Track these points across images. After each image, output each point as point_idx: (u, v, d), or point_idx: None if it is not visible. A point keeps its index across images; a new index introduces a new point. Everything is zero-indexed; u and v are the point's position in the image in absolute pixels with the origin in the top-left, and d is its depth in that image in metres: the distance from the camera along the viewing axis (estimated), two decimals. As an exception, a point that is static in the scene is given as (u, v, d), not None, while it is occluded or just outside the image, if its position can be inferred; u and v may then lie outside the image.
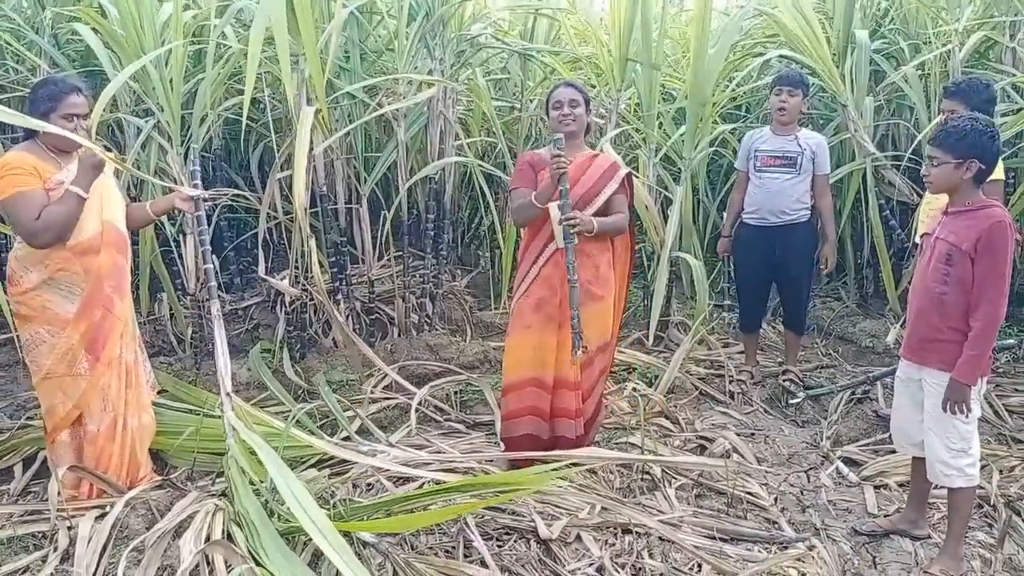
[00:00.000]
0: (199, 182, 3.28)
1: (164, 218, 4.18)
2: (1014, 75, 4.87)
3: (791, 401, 4.48)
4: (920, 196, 4.53)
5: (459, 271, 5.94)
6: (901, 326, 4.31)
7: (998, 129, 2.84)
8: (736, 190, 4.73)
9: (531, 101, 5.80)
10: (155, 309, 4.75)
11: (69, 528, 2.81)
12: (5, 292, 3.10)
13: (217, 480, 3.23)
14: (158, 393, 3.58)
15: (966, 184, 2.80)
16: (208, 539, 2.61)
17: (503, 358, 3.64)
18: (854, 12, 5.24)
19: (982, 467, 3.37)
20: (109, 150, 3.38)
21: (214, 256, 3.72)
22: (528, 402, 3.50)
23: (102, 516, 2.86)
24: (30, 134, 2.99)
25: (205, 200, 3.35)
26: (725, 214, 4.98)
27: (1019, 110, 4.60)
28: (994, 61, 5.26)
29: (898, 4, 5.86)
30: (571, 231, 3.28)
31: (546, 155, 3.47)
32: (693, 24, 4.82)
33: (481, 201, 5.14)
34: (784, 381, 4.61)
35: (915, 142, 5.12)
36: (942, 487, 2.99)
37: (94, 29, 4.26)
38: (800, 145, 4.42)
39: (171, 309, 4.70)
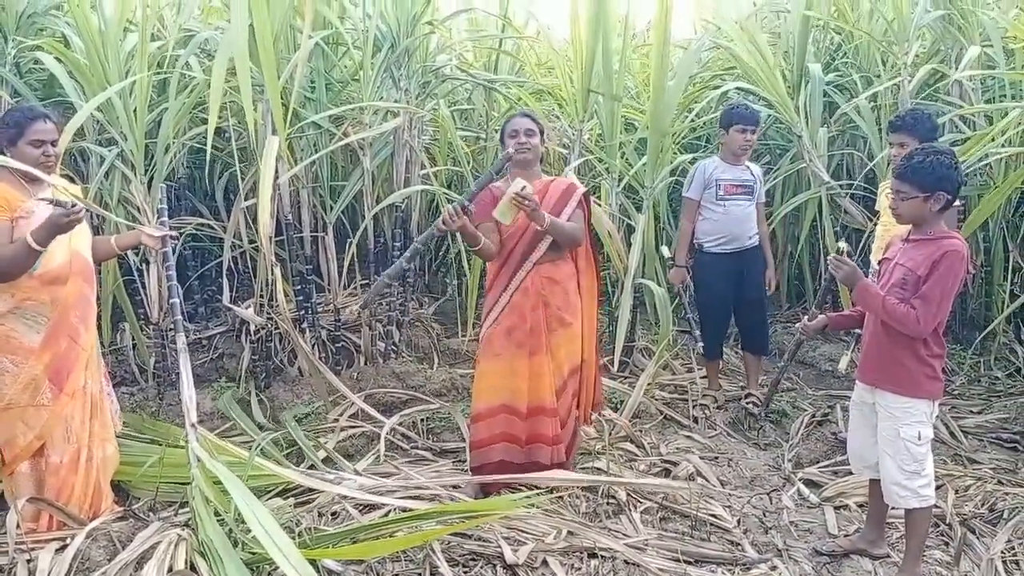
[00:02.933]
0: (166, 219, 3.27)
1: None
2: (961, 106, 5.06)
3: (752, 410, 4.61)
4: (873, 223, 4.67)
5: (426, 299, 5.96)
6: (853, 351, 4.42)
7: (958, 158, 2.93)
8: (686, 219, 4.78)
9: (496, 131, 5.88)
10: (117, 339, 4.70)
11: (28, 561, 2.76)
12: None
13: (180, 511, 3.19)
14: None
15: (932, 215, 2.87)
16: (171, 569, 2.58)
17: (472, 387, 3.65)
18: (808, 46, 5.42)
19: (938, 487, 3.45)
20: (73, 180, 3.36)
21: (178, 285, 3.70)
22: (499, 429, 3.51)
23: (62, 548, 2.81)
24: None
25: (174, 239, 3.35)
26: (677, 244, 5.03)
27: (966, 140, 4.78)
28: (942, 93, 5.46)
29: (850, 38, 6.07)
30: (523, 202, 3.22)
31: (504, 187, 3.53)
32: (653, 57, 4.94)
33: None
34: (747, 404, 4.69)
35: (868, 170, 5.29)
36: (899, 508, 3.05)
37: (57, 58, 4.25)
38: (752, 174, 4.69)
39: (133, 339, 4.65)
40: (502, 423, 3.50)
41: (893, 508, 3.14)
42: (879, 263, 3.25)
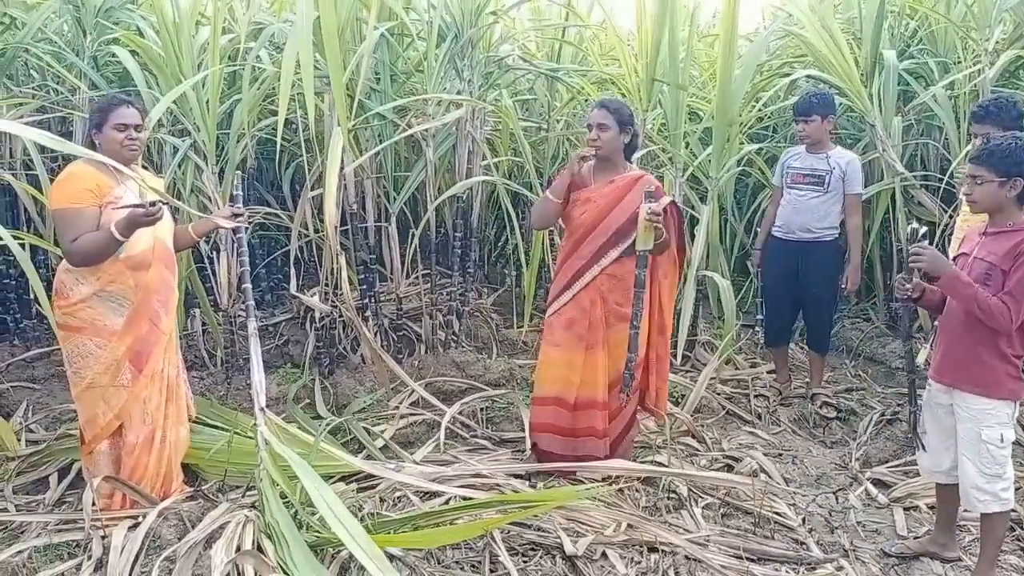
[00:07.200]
0: (240, 205, 3.34)
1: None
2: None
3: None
4: (951, 217, 4.50)
5: (485, 289, 5.98)
6: (931, 345, 4.27)
7: None
8: (771, 205, 4.83)
9: (558, 121, 5.85)
10: (188, 325, 4.84)
11: (103, 537, 2.87)
12: (51, 305, 3.17)
13: (247, 493, 3.27)
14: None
15: (1010, 203, 2.77)
16: (238, 549, 2.64)
17: (536, 368, 3.73)
18: (882, 32, 5.23)
19: (1015, 490, 3.33)
20: (156, 173, 3.45)
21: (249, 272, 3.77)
22: (548, 419, 3.58)
23: (135, 526, 2.90)
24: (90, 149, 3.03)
25: (248, 224, 3.41)
26: (760, 228, 5.04)
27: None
28: (1025, 80, 5.23)
29: (927, 24, 5.85)
30: (655, 219, 3.27)
31: (576, 166, 3.49)
32: (720, 46, 4.85)
33: (507, 220, 5.18)
34: (820, 409, 4.55)
35: (948, 163, 5.08)
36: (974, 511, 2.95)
37: (132, 52, 4.38)
38: (830, 164, 4.44)
39: (204, 324, 4.77)
40: (551, 414, 3.56)
41: (965, 511, 3.03)
42: (955, 258, 3.13)
